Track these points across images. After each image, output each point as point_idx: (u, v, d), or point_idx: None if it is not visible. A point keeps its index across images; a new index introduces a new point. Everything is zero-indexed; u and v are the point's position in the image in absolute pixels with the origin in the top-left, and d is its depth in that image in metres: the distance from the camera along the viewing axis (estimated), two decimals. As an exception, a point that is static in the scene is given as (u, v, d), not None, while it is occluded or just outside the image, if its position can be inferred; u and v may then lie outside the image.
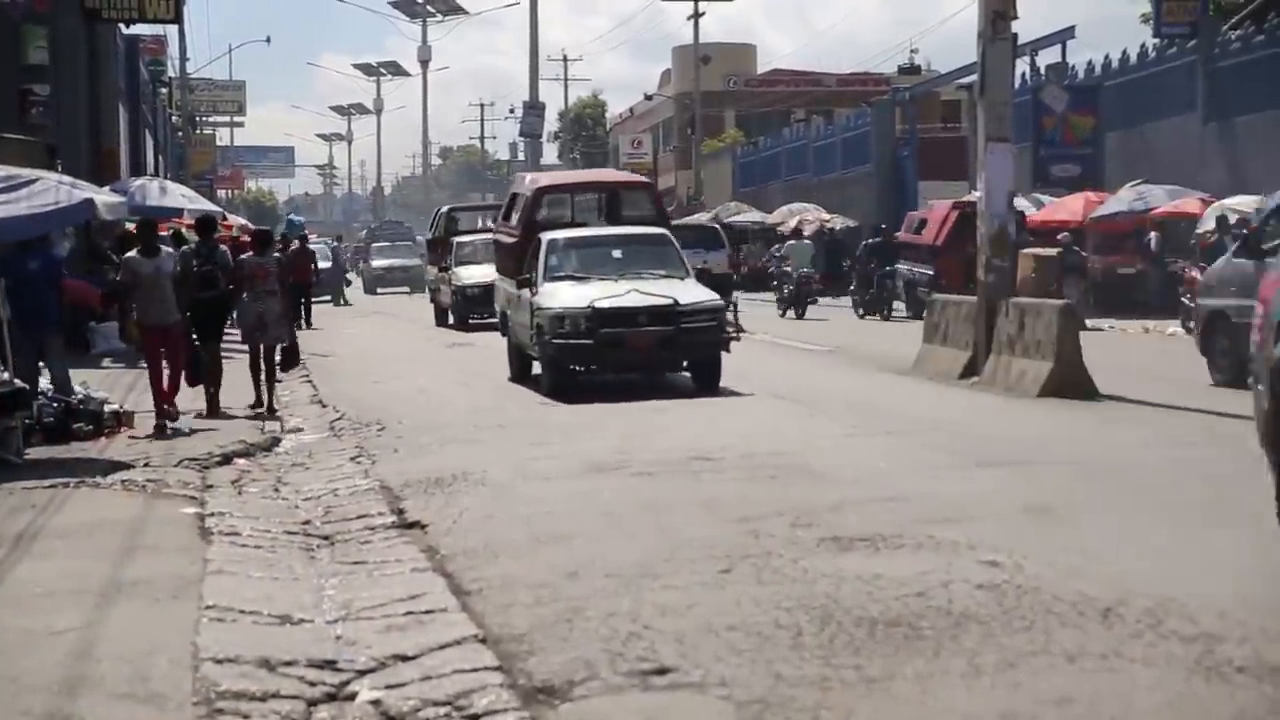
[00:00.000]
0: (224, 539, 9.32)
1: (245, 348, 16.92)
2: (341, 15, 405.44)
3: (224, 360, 16.74)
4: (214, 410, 15.99)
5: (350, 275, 59.31)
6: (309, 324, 34.09)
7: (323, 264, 46.61)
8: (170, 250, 16.22)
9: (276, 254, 17.65)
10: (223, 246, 17.46)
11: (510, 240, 20.85)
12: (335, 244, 56.08)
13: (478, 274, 29.16)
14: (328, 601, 7.79)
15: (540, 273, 18.20)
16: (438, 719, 5.84)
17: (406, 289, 53.69)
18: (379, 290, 55.15)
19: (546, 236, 18.91)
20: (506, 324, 20.31)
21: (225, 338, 17.14)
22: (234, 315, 17.54)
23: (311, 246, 41.78)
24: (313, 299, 37.76)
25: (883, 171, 50.34)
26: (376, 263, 57.64)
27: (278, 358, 16.71)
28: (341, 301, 48.75)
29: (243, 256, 17.05)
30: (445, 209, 36.05)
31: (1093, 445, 12.74)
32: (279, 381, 17.40)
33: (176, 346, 15.33)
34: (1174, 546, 8.36)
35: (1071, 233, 33.22)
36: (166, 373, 15.16)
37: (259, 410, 16.30)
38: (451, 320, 31.58)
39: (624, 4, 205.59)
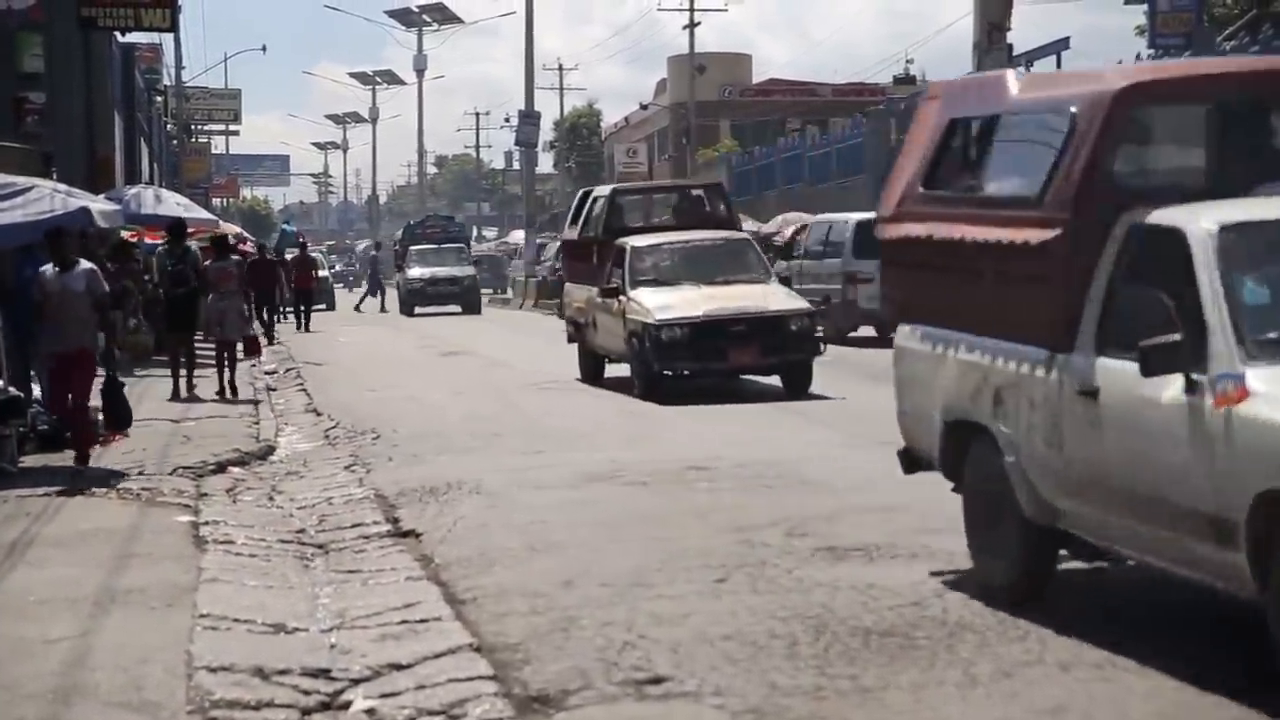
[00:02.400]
0: (218, 547, 9.31)
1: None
2: (337, 24, 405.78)
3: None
4: (190, 395, 18.36)
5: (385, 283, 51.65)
6: (307, 328, 36.08)
7: (320, 272, 46.73)
8: (88, 266, 12.99)
9: (236, 258, 21.09)
10: (193, 248, 19.80)
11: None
12: (375, 251, 51.76)
13: (682, 304, 17.56)
14: (322, 610, 7.78)
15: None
16: (432, 728, 5.83)
17: (457, 308, 43.63)
18: (417, 309, 43.39)
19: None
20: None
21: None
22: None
23: (312, 254, 42.18)
24: (313, 307, 38.30)
25: (878, 181, 50.19)
26: (415, 272, 44.34)
27: (240, 349, 19.56)
28: (383, 309, 46.52)
29: (206, 263, 19.23)
30: (607, 191, 21.17)
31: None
32: (244, 360, 20.44)
33: (85, 376, 12.85)
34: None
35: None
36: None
37: (223, 396, 18.47)
38: (638, 388, 17.72)
39: (620, 13, 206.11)
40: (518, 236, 66.14)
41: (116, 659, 6.56)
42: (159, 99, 56.47)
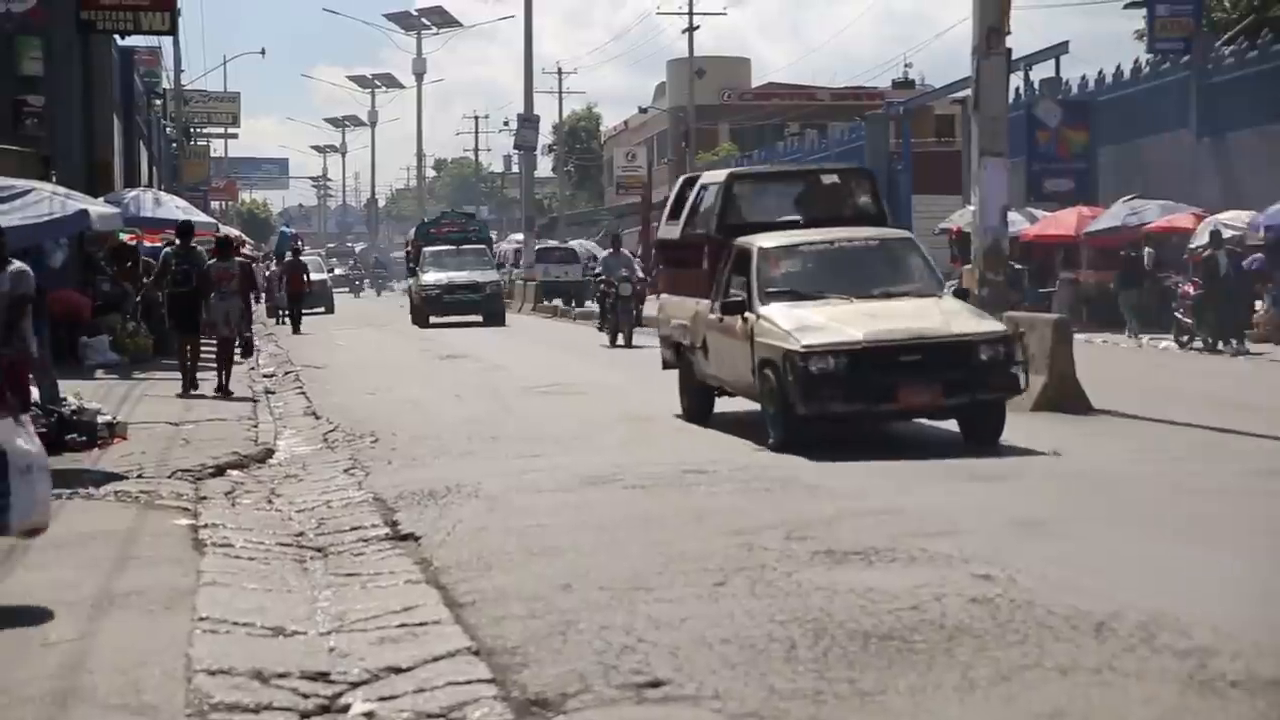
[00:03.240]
0: (217, 551, 9.31)
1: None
2: (336, 28, 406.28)
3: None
4: (189, 390, 19.04)
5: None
6: (297, 329, 36.65)
7: (315, 276, 46.74)
8: (21, 267, 10.94)
9: (240, 259, 21.33)
10: (199, 249, 20.64)
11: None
12: (407, 248, 44.96)
13: (833, 324, 13.53)
14: (321, 613, 7.78)
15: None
16: (431, 731, 5.83)
17: (478, 318, 38.22)
18: (433, 319, 38.41)
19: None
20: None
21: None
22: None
23: (305, 259, 42.19)
24: (303, 310, 38.50)
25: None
26: (430, 277, 39.20)
27: (238, 348, 20.29)
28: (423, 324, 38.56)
29: (209, 263, 19.82)
30: (721, 177, 16.44)
31: (1085, 459, 12.75)
32: (239, 364, 21.10)
33: (16, 383, 10.61)
34: (1167, 561, 8.36)
35: (1064, 248, 33.40)
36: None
37: (221, 393, 19.06)
38: (774, 434, 13.68)
39: (619, 17, 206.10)
40: (516, 239, 66.18)
41: (115, 662, 6.56)
42: (158, 102, 56.53)
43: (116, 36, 32.42)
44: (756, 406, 14.31)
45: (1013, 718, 5.68)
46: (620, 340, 28.98)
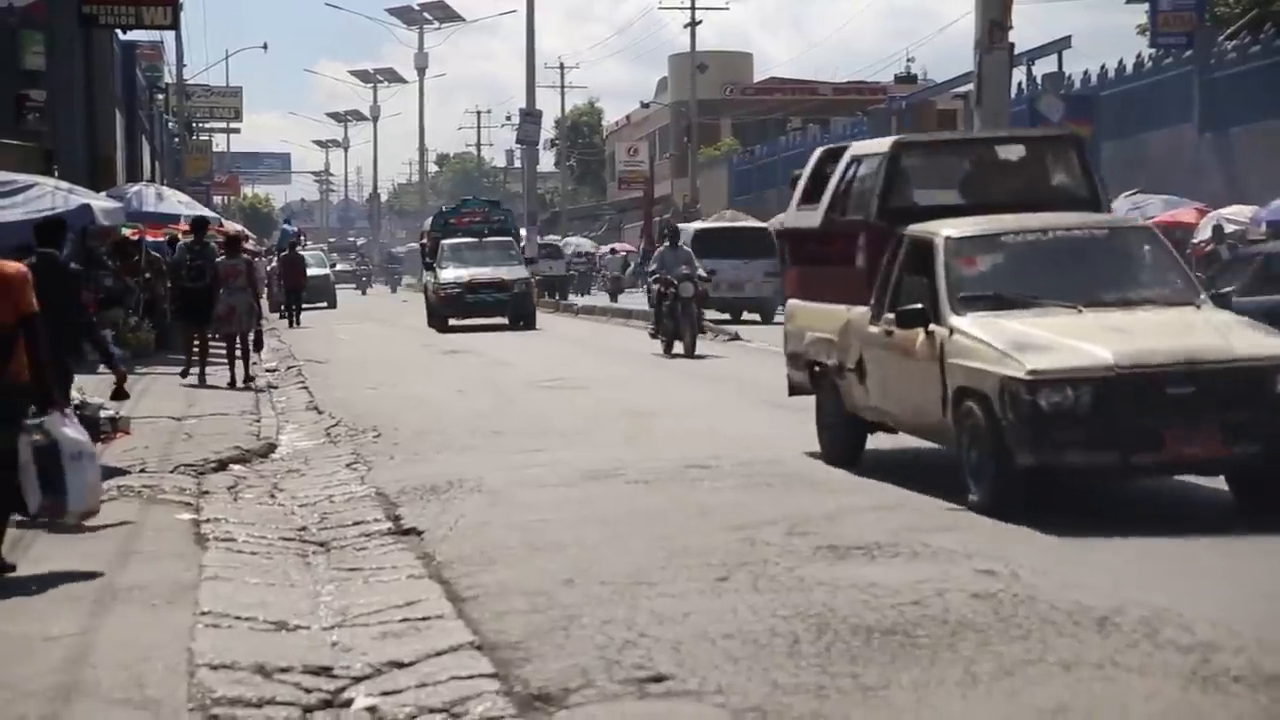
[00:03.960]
0: (220, 545, 9.31)
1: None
2: (338, 22, 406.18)
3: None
4: (187, 373, 19.94)
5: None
6: (297, 323, 36.67)
7: (317, 271, 46.84)
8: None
9: (246, 256, 21.84)
10: (212, 244, 21.30)
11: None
12: (422, 241, 40.23)
13: (1065, 342, 9.86)
14: (324, 608, 7.79)
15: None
16: (433, 726, 5.83)
17: (505, 320, 33.55)
18: (453, 322, 33.40)
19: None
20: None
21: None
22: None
23: (309, 253, 42.39)
24: (304, 305, 38.57)
25: (879, 180, 50.36)
26: (450, 274, 33.73)
27: (252, 340, 21.10)
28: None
29: (218, 259, 20.55)
30: (884, 146, 12.15)
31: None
32: (255, 363, 21.50)
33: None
34: (1170, 556, 8.36)
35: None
36: None
37: (233, 386, 19.53)
38: (980, 493, 9.97)
39: (621, 12, 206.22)
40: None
41: (118, 656, 6.56)
42: (160, 96, 56.52)
43: (118, 31, 32.46)
44: (920, 443, 11.67)
45: (1016, 713, 5.68)
46: (679, 348, 24.04)
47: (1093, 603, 7.05)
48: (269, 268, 43.68)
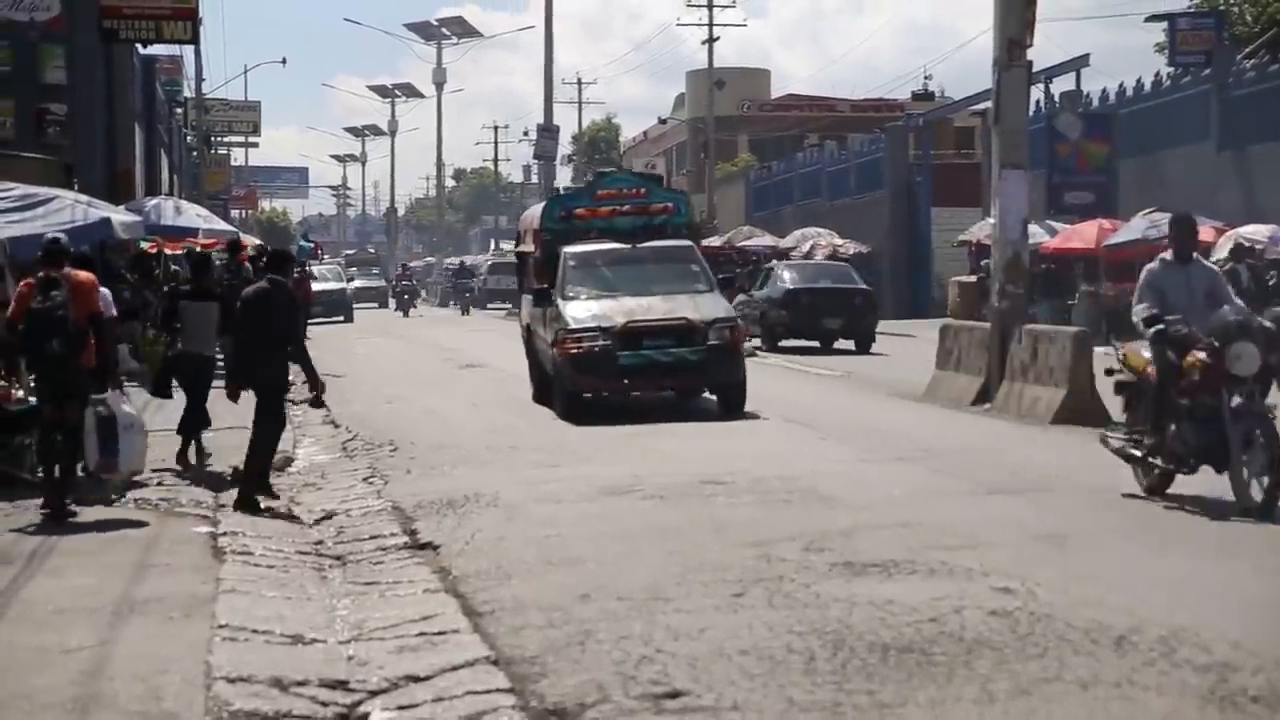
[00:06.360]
0: (237, 558, 9.33)
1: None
2: (357, 37, 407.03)
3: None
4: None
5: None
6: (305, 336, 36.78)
7: (333, 285, 47.05)
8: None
9: (297, 272, 21.11)
10: (246, 264, 21.25)
11: None
12: (517, 247, 30.20)
13: None
14: (340, 622, 7.80)
15: None
16: (450, 740, 5.83)
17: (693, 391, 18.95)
18: (594, 389, 18.12)
19: None
20: None
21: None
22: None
23: (325, 267, 42.52)
24: (311, 319, 38.83)
25: (896, 197, 50.32)
26: (583, 308, 18.21)
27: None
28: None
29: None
30: None
31: (1105, 472, 12.70)
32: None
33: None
34: (1186, 575, 8.34)
35: (1084, 260, 33.35)
36: None
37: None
38: None
39: (639, 28, 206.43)
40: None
41: (135, 669, 6.58)
42: (179, 111, 56.68)
43: (139, 45, 32.55)
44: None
45: (1032, 731, 5.66)
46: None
47: (1110, 621, 7.03)
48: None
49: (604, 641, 6.97)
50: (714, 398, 18.26)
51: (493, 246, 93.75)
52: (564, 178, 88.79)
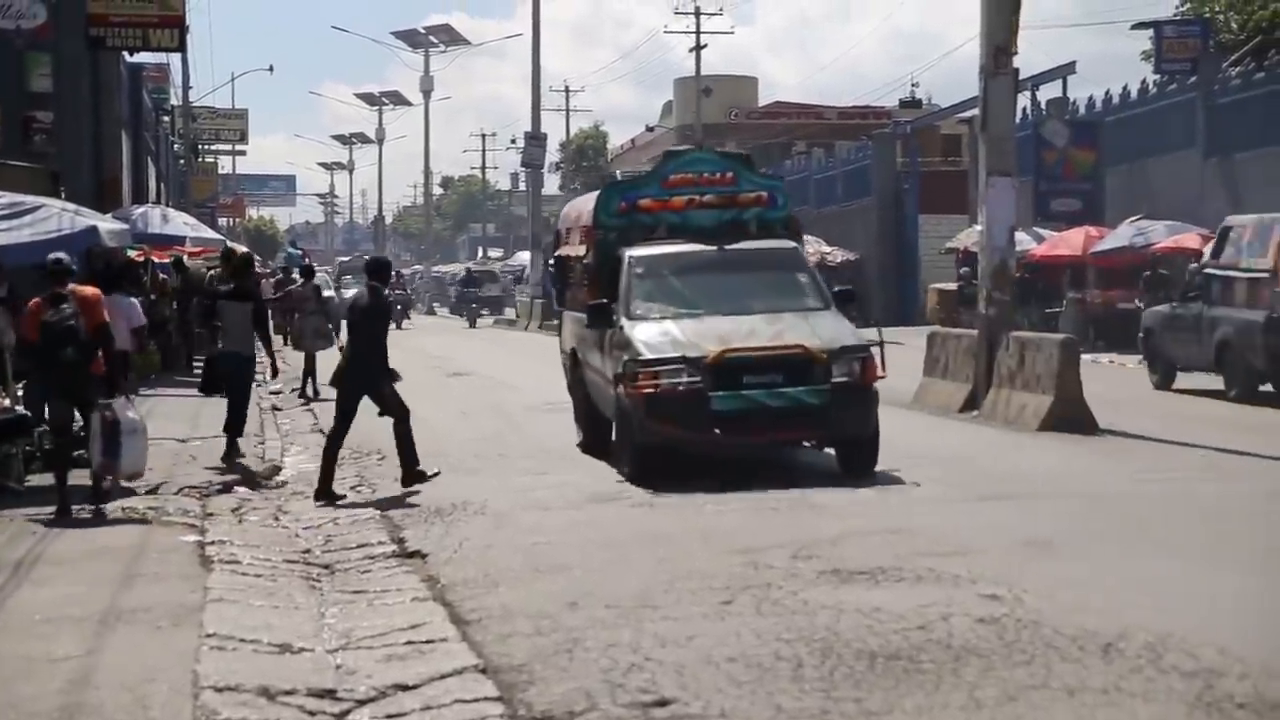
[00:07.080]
0: (224, 567, 9.32)
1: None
2: (344, 45, 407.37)
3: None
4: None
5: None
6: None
7: (325, 293, 46.85)
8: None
9: (315, 284, 24.14)
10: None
11: None
12: (561, 248, 27.85)
13: None
14: (328, 630, 7.79)
15: None
16: (438, 749, 5.83)
17: (807, 441, 13.74)
18: (668, 438, 12.94)
19: None
20: None
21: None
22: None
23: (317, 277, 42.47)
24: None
25: (883, 204, 50.38)
26: (656, 331, 13.39)
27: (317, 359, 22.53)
28: None
29: (291, 287, 24.40)
30: None
31: (1092, 479, 12.74)
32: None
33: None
34: (1174, 581, 8.35)
35: (1071, 267, 33.43)
36: None
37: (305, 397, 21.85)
38: None
39: (627, 36, 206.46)
40: (523, 258, 66.15)
41: (122, 678, 6.57)
42: (166, 118, 56.63)
43: (125, 53, 32.50)
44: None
45: (1020, 738, 5.67)
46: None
47: (1097, 627, 7.05)
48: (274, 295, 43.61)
49: (592, 649, 6.98)
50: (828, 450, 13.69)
51: (479, 254, 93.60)
52: (551, 185, 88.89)
